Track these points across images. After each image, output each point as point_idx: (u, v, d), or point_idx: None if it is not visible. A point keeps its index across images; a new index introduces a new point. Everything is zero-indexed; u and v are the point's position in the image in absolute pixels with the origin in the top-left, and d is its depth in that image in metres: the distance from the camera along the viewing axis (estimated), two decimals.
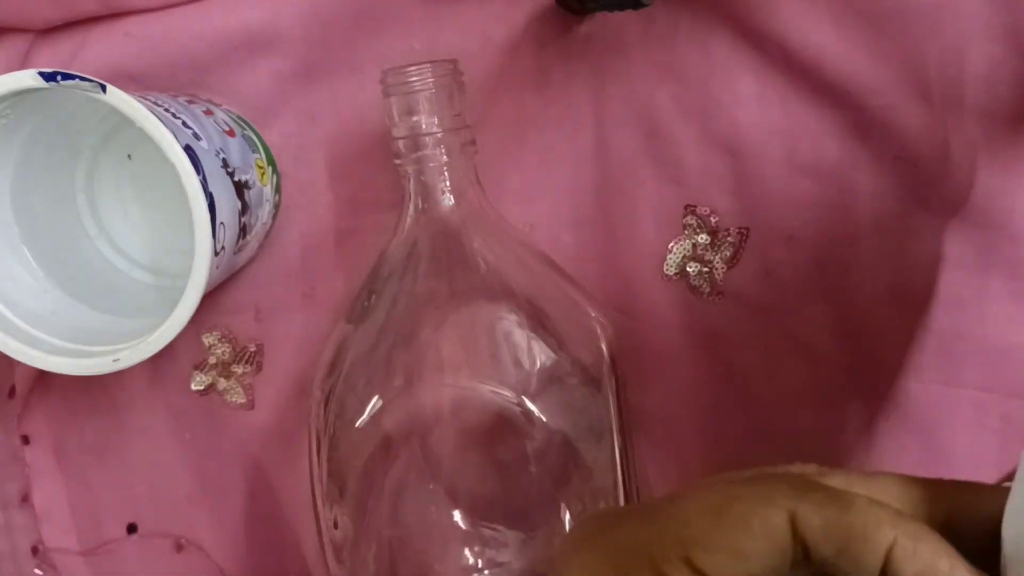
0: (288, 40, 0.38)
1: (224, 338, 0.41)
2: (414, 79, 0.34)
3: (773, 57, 0.38)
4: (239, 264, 0.39)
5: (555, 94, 0.40)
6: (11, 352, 0.33)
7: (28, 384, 0.41)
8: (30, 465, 0.42)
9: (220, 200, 0.32)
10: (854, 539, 0.20)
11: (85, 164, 0.39)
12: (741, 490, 0.22)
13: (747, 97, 0.39)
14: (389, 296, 0.35)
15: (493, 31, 0.39)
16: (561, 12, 0.38)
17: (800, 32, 0.37)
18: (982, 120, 0.37)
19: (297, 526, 0.42)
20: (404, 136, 0.34)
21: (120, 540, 0.43)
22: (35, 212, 0.37)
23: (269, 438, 0.42)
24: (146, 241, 0.40)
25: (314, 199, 0.40)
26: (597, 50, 0.39)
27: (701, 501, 0.22)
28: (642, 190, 0.40)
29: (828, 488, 0.21)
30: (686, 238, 0.40)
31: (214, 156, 0.33)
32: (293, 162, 0.40)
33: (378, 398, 0.34)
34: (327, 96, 0.40)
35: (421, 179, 0.35)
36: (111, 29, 0.38)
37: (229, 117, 0.38)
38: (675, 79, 0.39)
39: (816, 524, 0.20)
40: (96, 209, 0.40)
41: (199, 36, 0.38)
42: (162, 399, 0.42)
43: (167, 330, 0.32)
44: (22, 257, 0.36)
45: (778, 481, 0.22)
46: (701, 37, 0.39)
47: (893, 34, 0.37)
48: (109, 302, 0.37)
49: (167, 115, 0.32)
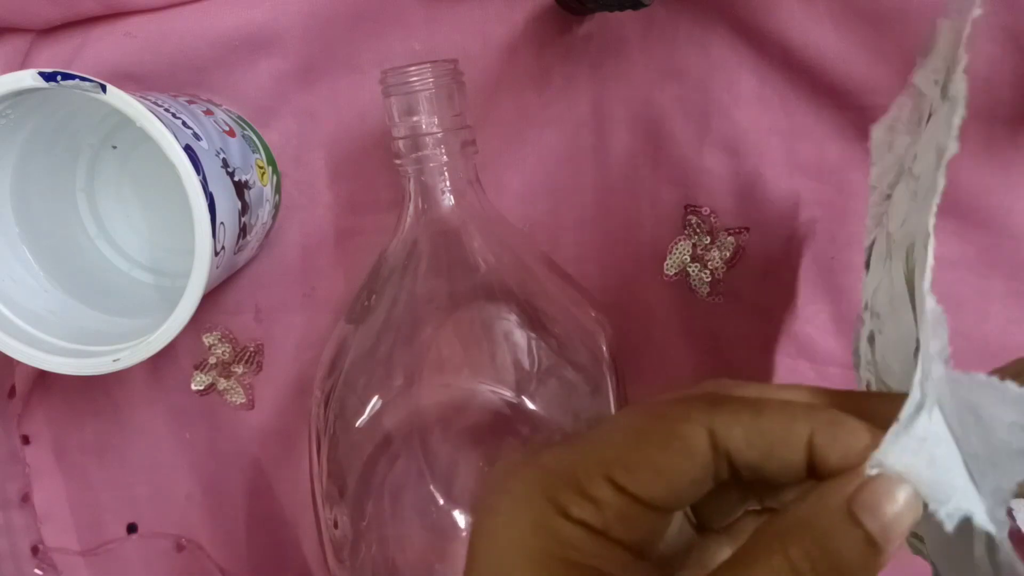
0: (288, 40, 0.38)
1: (224, 338, 0.41)
2: (414, 79, 0.34)
3: (773, 57, 0.38)
4: (239, 264, 0.39)
5: (555, 94, 0.40)
6: (11, 352, 0.33)
7: (28, 384, 0.41)
8: (30, 465, 0.42)
9: (220, 200, 0.32)
10: (773, 440, 0.20)
11: (85, 164, 0.39)
12: (660, 409, 0.22)
13: (747, 97, 0.39)
14: (389, 296, 0.35)
15: (493, 31, 0.39)
16: (561, 12, 0.38)
17: (800, 32, 0.37)
18: (982, 120, 0.37)
19: (297, 526, 0.42)
20: (404, 136, 0.34)
21: (120, 540, 0.43)
22: (35, 212, 0.37)
23: (269, 438, 0.42)
24: (146, 241, 0.40)
25: (314, 199, 0.40)
26: (597, 50, 0.39)
27: (622, 423, 0.22)
28: (642, 190, 0.40)
29: (742, 398, 0.22)
30: (686, 238, 0.40)
31: (214, 156, 0.33)
32: (293, 162, 0.40)
33: (378, 398, 0.34)
34: (327, 96, 0.40)
35: (421, 179, 0.35)
36: (111, 29, 0.38)
37: (229, 117, 0.38)
38: (675, 79, 0.39)
39: (736, 434, 0.21)
40: (96, 209, 0.40)
41: (199, 36, 0.38)
42: (162, 399, 0.42)
43: (167, 330, 0.32)
44: (22, 257, 0.36)
45: (695, 398, 0.22)
46: (701, 37, 0.39)
47: (893, 34, 0.37)
48: (109, 302, 0.37)
49: (167, 115, 0.32)
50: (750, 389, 0.23)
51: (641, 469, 0.21)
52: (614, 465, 0.21)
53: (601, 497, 0.21)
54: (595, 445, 0.22)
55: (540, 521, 0.21)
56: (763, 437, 0.21)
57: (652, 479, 0.21)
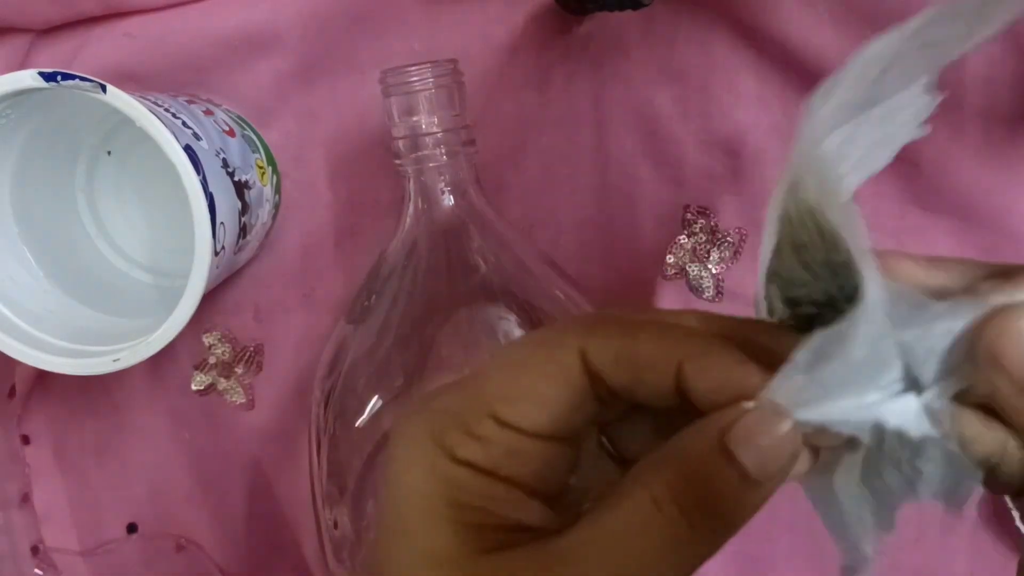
0: (288, 40, 0.38)
1: (224, 338, 0.41)
2: (414, 79, 0.34)
3: (773, 57, 0.38)
4: (239, 264, 0.39)
5: (555, 94, 0.40)
6: (11, 352, 0.33)
7: (28, 384, 0.41)
8: (30, 465, 0.42)
9: (220, 200, 0.32)
10: (642, 364, 0.20)
11: (85, 164, 0.39)
12: (536, 338, 0.22)
13: (747, 97, 0.39)
14: (389, 296, 0.35)
15: (493, 31, 0.39)
16: (561, 12, 0.38)
17: (800, 32, 0.37)
18: (982, 120, 0.37)
19: (297, 526, 0.42)
20: (404, 136, 0.34)
21: (120, 540, 0.43)
22: (35, 212, 0.37)
23: (269, 438, 0.42)
24: (146, 241, 0.40)
25: (314, 199, 0.40)
26: (597, 50, 0.39)
27: (501, 358, 0.22)
28: (642, 190, 0.40)
29: (619, 320, 0.21)
30: (686, 238, 0.40)
31: (214, 156, 0.33)
32: (293, 162, 0.40)
33: (378, 398, 0.34)
34: (327, 96, 0.40)
35: (421, 179, 0.35)
36: (111, 29, 0.38)
37: (229, 117, 0.38)
38: (675, 79, 0.39)
39: (607, 357, 0.20)
40: (96, 209, 0.40)
41: (199, 36, 0.38)
42: (162, 399, 0.42)
43: (167, 330, 0.32)
44: (22, 257, 0.36)
45: (573, 322, 0.21)
46: (701, 37, 0.39)
47: None
48: (109, 302, 0.37)
49: (167, 115, 0.32)
50: (639, 314, 0.22)
51: (521, 400, 0.20)
52: (496, 400, 0.21)
53: (486, 435, 0.20)
54: (478, 382, 0.21)
55: (430, 466, 0.21)
56: (632, 360, 0.20)
57: (533, 409, 0.20)
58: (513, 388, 0.21)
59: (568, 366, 0.20)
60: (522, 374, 0.21)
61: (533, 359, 0.21)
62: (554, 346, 0.21)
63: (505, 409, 0.20)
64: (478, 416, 0.21)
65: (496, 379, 0.21)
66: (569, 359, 0.20)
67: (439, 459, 0.20)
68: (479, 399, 0.21)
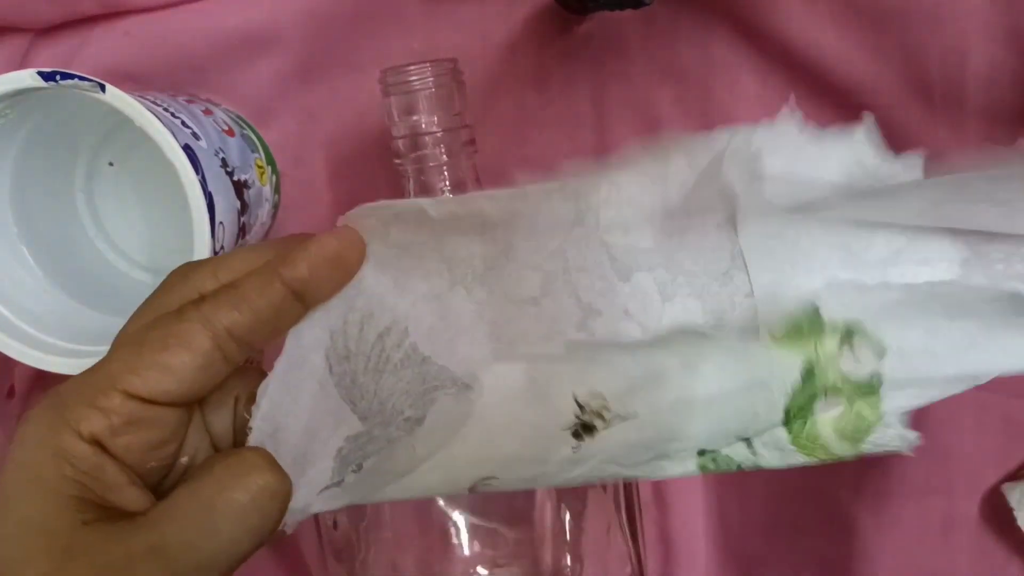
0: (288, 40, 0.38)
1: None
2: (414, 78, 0.34)
3: (773, 57, 0.38)
4: None
5: (555, 94, 0.40)
6: (11, 352, 0.33)
7: (28, 384, 0.41)
8: None
9: (219, 200, 0.32)
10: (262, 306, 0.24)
11: (85, 164, 0.39)
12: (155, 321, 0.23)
13: (747, 97, 0.39)
14: None
15: (493, 31, 0.39)
16: (561, 12, 0.38)
17: (800, 31, 0.37)
18: (983, 120, 0.37)
19: (297, 526, 0.42)
20: (404, 136, 0.34)
21: None
22: (35, 212, 0.37)
23: None
24: (146, 241, 0.40)
25: (314, 199, 0.40)
26: (597, 50, 0.39)
27: (126, 339, 0.24)
28: None
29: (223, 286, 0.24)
30: None
31: (213, 155, 0.33)
32: (293, 162, 0.40)
33: None
34: (327, 96, 0.40)
35: (421, 179, 0.35)
36: (111, 29, 0.38)
37: (228, 117, 0.38)
38: (675, 79, 0.39)
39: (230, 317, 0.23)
40: (96, 209, 0.40)
41: (198, 36, 0.38)
42: None
43: None
44: (22, 257, 0.36)
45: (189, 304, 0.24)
46: (701, 37, 0.39)
47: (893, 34, 0.37)
48: (109, 302, 0.37)
49: (166, 114, 0.32)
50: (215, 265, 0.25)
51: (149, 370, 0.22)
52: (121, 375, 0.22)
53: (110, 406, 0.22)
54: (104, 363, 0.23)
55: (44, 440, 0.22)
56: (254, 307, 0.23)
57: (162, 377, 0.22)
58: (138, 362, 0.23)
59: (189, 337, 0.23)
60: (146, 350, 0.23)
61: (154, 337, 0.23)
62: (171, 322, 0.23)
63: (133, 381, 0.22)
64: (105, 390, 0.22)
65: (120, 357, 0.23)
66: (191, 331, 0.23)
67: (59, 433, 0.22)
68: (106, 375, 0.23)
